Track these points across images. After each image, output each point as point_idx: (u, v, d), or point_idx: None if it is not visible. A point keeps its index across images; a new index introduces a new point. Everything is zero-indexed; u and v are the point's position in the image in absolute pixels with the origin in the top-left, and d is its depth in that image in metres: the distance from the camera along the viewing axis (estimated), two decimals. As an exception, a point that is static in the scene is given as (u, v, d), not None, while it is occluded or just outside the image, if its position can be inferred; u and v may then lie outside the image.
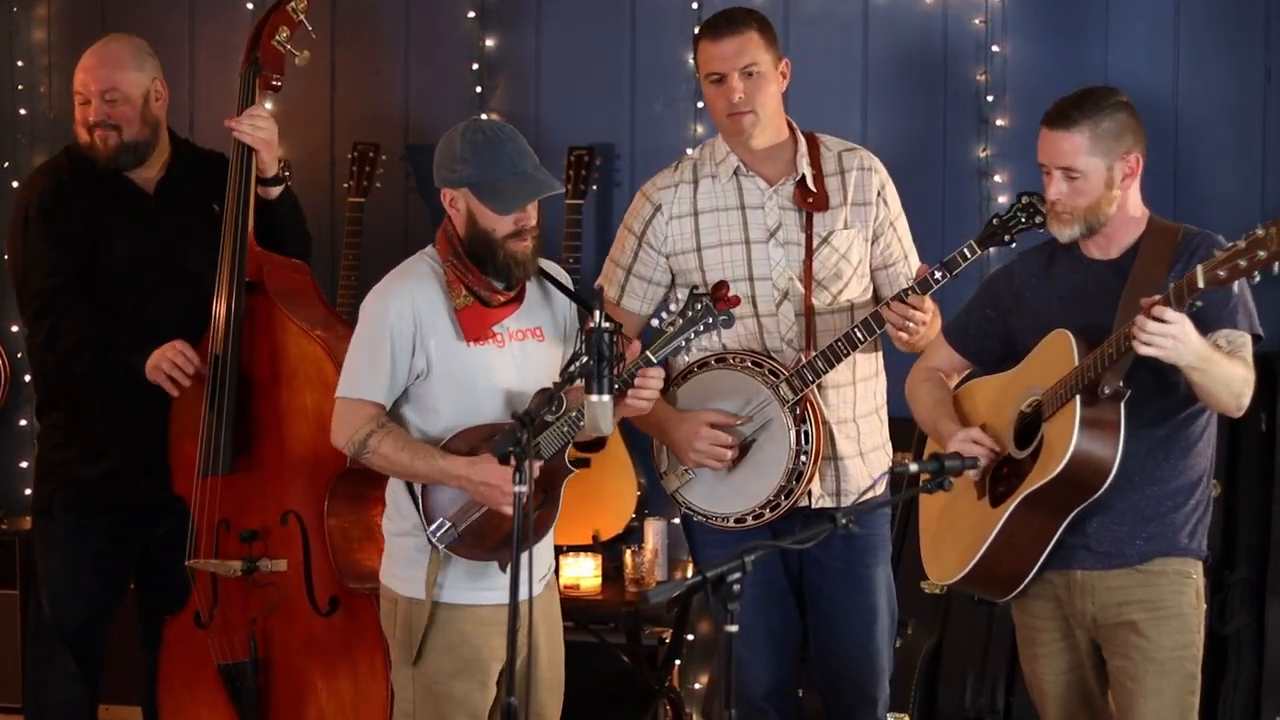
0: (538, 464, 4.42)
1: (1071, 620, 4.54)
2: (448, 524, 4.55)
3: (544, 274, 4.76)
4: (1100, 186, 4.41)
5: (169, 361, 5.25)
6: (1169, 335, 4.10)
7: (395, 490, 4.69)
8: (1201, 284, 4.04)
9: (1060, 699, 4.61)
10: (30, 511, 5.68)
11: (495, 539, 4.56)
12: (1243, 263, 3.98)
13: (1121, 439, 4.30)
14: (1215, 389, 4.26)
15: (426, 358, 4.58)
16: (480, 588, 4.59)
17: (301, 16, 5.49)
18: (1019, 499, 4.40)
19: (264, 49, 5.48)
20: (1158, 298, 4.14)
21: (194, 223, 5.52)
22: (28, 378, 6.81)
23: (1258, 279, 4.03)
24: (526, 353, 4.66)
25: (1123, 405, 4.29)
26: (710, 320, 4.49)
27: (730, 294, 4.52)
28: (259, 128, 5.39)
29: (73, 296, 5.37)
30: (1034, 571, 4.49)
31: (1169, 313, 4.09)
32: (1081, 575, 4.49)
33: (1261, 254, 3.94)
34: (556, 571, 5.01)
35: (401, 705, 4.68)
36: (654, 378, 4.53)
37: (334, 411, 4.68)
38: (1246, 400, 4.32)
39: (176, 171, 5.57)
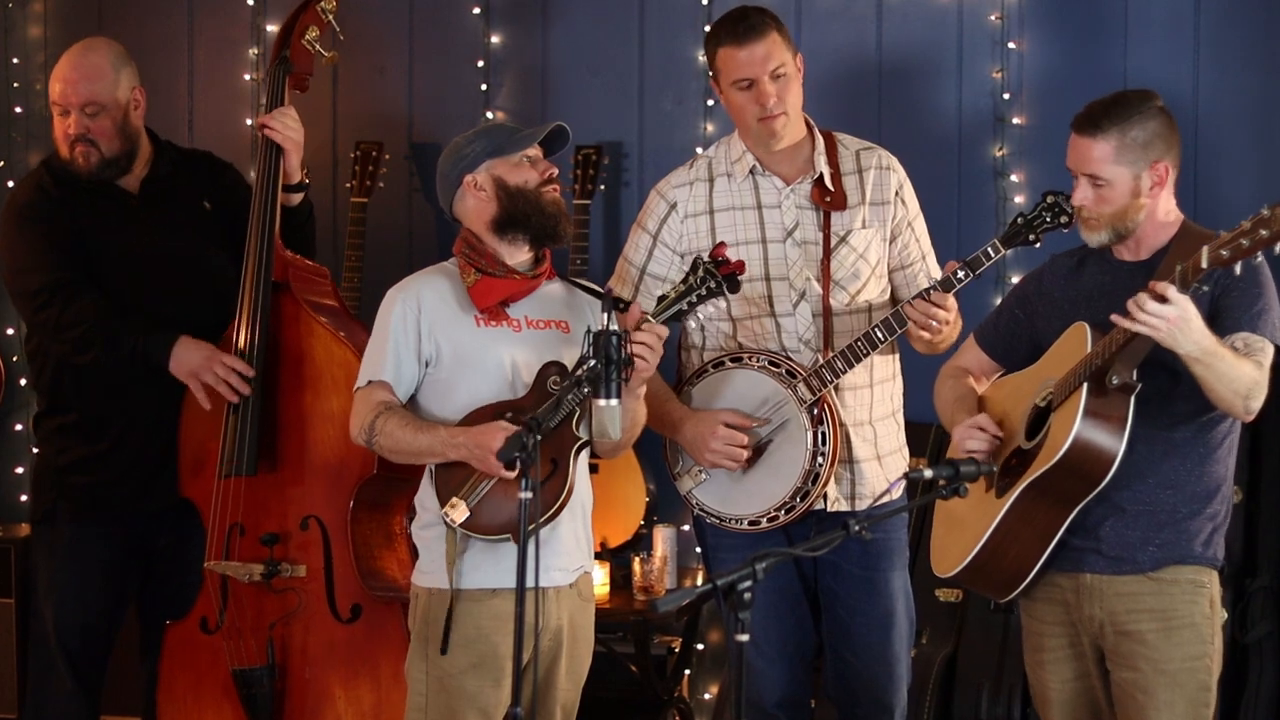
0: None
1: (1079, 626, 4.49)
2: (459, 501, 4.53)
3: (575, 283, 4.80)
4: (1126, 195, 4.38)
5: (215, 375, 5.19)
6: (1165, 316, 4.07)
7: (423, 485, 4.69)
8: (1205, 264, 4.02)
9: (1065, 707, 4.57)
10: (29, 519, 5.59)
11: (506, 513, 4.51)
12: (1245, 242, 3.96)
13: (1127, 433, 4.26)
14: (1218, 385, 4.21)
15: (435, 343, 4.61)
16: (501, 570, 4.53)
17: (330, 17, 5.48)
18: (1021, 487, 4.37)
19: (294, 48, 5.47)
20: (1165, 281, 4.12)
21: (184, 220, 5.47)
22: (23, 381, 6.75)
23: (1259, 259, 4.03)
24: (549, 342, 4.64)
25: (1132, 400, 4.26)
26: (713, 285, 4.45)
27: (734, 259, 4.47)
28: (290, 127, 5.37)
29: (77, 287, 5.30)
30: (1037, 569, 4.45)
31: (1171, 291, 4.06)
32: (1091, 579, 4.44)
33: (1264, 233, 3.93)
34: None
35: (414, 699, 4.66)
36: (654, 331, 4.45)
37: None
38: (1256, 404, 4.27)
39: (161, 171, 5.51)
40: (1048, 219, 4.71)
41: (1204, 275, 4.03)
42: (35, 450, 5.56)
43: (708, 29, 6.19)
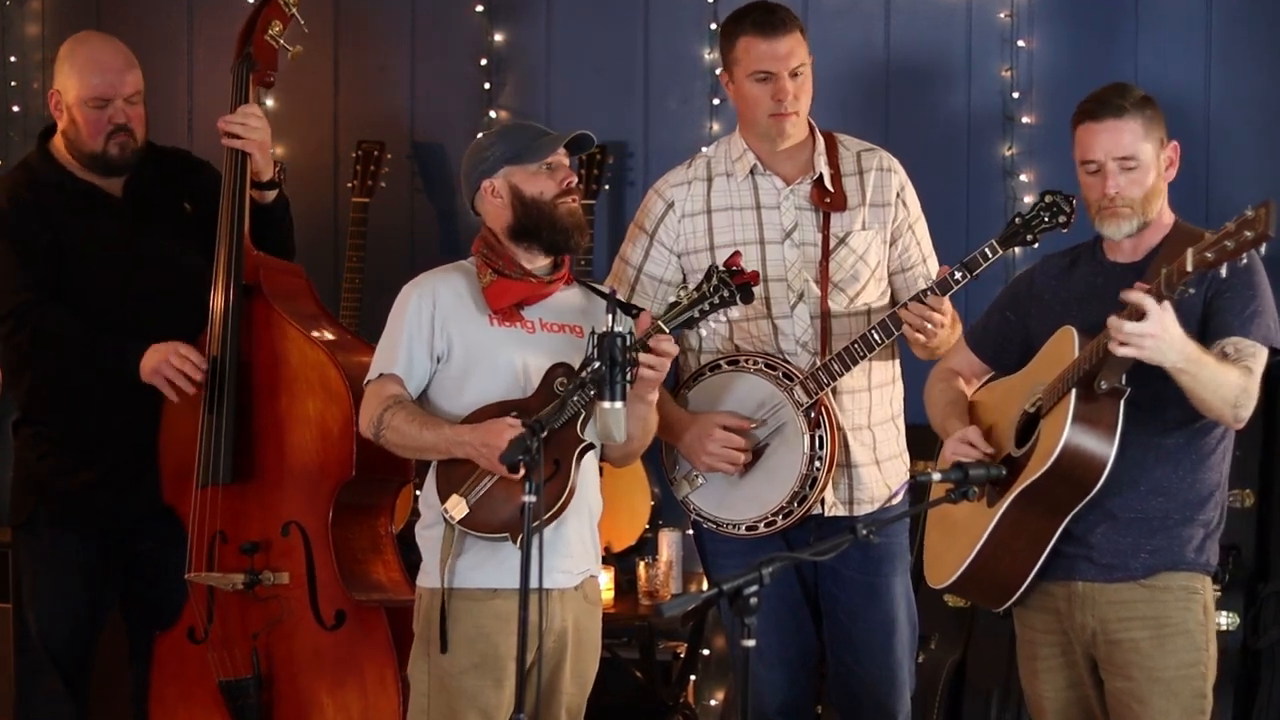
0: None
1: (1071, 635, 4.46)
2: (459, 498, 4.51)
3: (591, 287, 4.77)
4: (1153, 175, 4.35)
5: (172, 367, 5.14)
6: (1147, 332, 4.03)
7: (426, 485, 4.67)
8: (1190, 267, 3.97)
9: (1059, 716, 4.54)
10: (10, 524, 5.54)
11: (506, 511, 4.48)
12: (1230, 244, 3.92)
13: (1117, 437, 4.22)
14: (1204, 393, 4.17)
15: (448, 338, 4.60)
16: (503, 570, 4.51)
17: (293, 10, 5.38)
18: (1012, 495, 4.32)
19: (256, 44, 5.37)
20: (1145, 286, 4.08)
21: (168, 223, 5.41)
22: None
23: (1244, 261, 3.95)
24: (561, 345, 4.62)
25: (1122, 404, 4.22)
26: (726, 294, 4.42)
27: (748, 269, 4.45)
28: (252, 129, 5.27)
29: (50, 305, 5.26)
30: (1031, 577, 4.42)
31: (1148, 303, 4.03)
32: (1083, 587, 4.40)
33: (1248, 234, 3.89)
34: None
35: (416, 700, 4.64)
36: (665, 341, 4.44)
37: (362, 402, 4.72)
38: (1245, 412, 4.24)
39: (144, 172, 5.44)
40: (1046, 219, 4.67)
41: (1189, 279, 3.99)
42: (15, 456, 5.49)
43: (714, 26, 6.21)
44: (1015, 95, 6.33)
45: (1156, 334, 4.03)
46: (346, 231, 6.48)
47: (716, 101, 6.47)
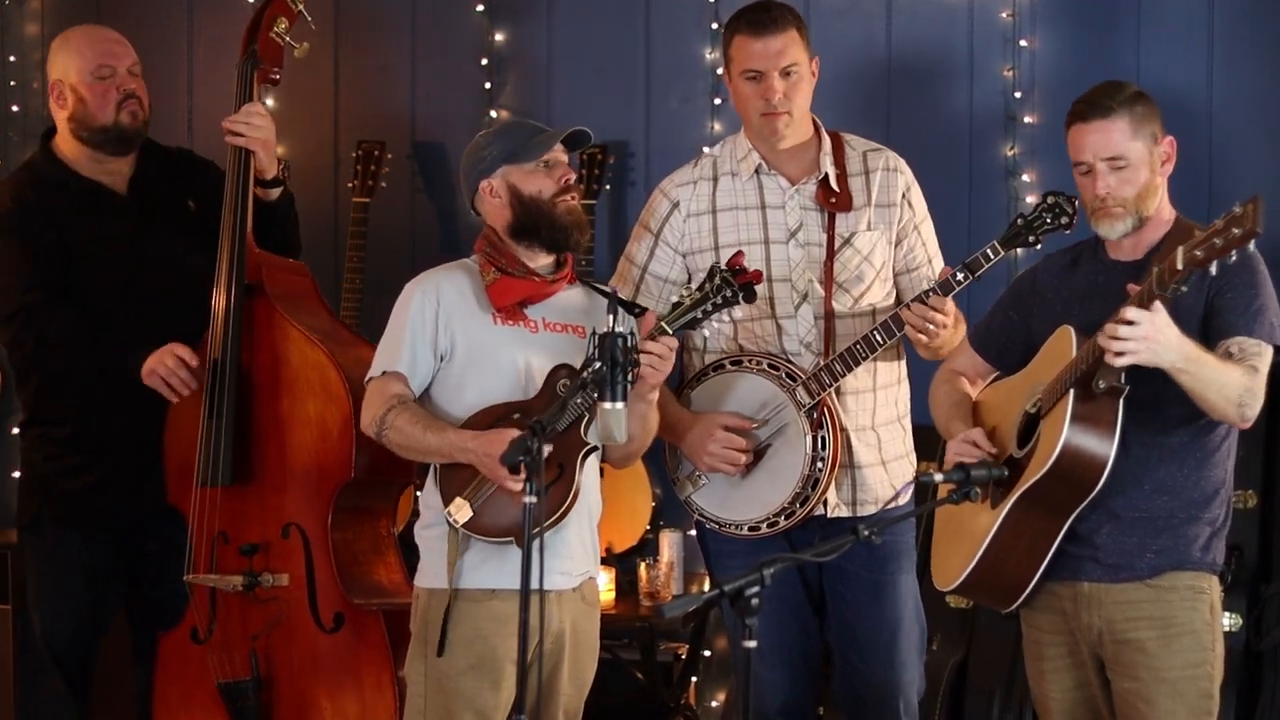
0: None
1: (1078, 635, 4.45)
2: (463, 501, 4.50)
3: (594, 287, 4.77)
4: (1146, 172, 4.35)
5: (166, 368, 5.14)
6: (1139, 336, 4.03)
7: (427, 485, 4.66)
8: (1181, 265, 3.96)
9: (1066, 717, 4.53)
10: (15, 525, 5.54)
11: (510, 515, 4.47)
12: (1219, 241, 3.91)
13: (1117, 436, 4.22)
14: (1205, 392, 4.17)
15: (451, 336, 4.59)
16: (502, 572, 4.51)
17: (300, 7, 5.38)
18: (1014, 497, 4.32)
19: (262, 41, 5.37)
20: (1137, 287, 4.09)
21: (171, 220, 5.42)
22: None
23: (1234, 258, 3.93)
24: (564, 345, 4.61)
25: (1121, 402, 4.21)
26: (729, 293, 4.42)
27: (751, 268, 4.45)
28: (256, 127, 5.27)
29: (55, 307, 5.26)
30: (1036, 578, 4.41)
31: (1131, 312, 4.03)
32: (1089, 587, 4.40)
33: (1236, 231, 3.89)
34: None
35: (413, 700, 4.63)
36: (665, 343, 4.43)
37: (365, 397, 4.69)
38: (1251, 411, 4.23)
39: (148, 169, 5.46)
40: (1048, 220, 4.66)
41: (1180, 277, 3.98)
42: (21, 457, 5.49)
43: (715, 25, 6.22)
44: (1017, 95, 6.31)
45: (1150, 336, 4.03)
46: (347, 231, 6.46)
47: (718, 101, 6.45)
